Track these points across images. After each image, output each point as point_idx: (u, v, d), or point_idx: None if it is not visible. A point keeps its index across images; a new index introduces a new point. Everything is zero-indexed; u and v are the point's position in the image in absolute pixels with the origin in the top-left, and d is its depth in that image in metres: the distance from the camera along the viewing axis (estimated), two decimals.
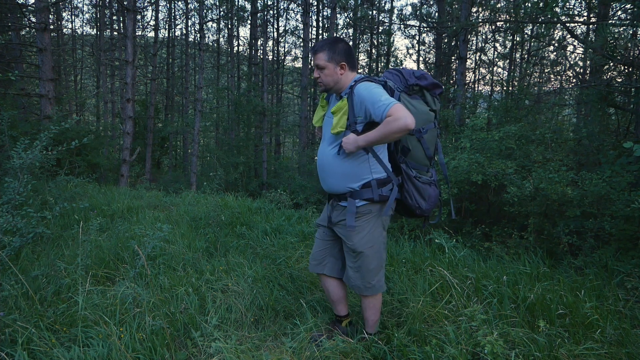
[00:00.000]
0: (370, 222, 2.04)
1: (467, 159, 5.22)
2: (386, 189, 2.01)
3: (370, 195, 1.99)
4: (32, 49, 11.75)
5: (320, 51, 2.01)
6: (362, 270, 2.07)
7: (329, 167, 2.07)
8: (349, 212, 2.01)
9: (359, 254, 2.05)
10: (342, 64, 2.01)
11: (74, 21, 32.78)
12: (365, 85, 1.93)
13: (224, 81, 23.41)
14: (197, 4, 17.23)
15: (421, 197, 2.07)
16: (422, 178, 2.07)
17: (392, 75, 2.05)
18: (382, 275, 2.13)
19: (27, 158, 3.65)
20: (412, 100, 1.99)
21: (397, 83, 2.01)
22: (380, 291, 2.11)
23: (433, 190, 2.12)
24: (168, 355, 2.08)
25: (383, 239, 2.10)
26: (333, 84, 2.03)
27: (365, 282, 2.08)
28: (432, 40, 18.09)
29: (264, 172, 15.40)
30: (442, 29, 12.00)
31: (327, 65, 2.00)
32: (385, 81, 2.02)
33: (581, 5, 8.49)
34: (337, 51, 2.00)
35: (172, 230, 4.08)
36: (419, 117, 1.96)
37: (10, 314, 2.26)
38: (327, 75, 2.01)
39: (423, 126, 2.00)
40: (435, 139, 2.10)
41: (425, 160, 2.07)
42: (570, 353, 1.99)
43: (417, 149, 2.03)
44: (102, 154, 11.89)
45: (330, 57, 1.99)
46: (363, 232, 2.03)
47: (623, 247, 3.64)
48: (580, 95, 7.99)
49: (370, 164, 2.00)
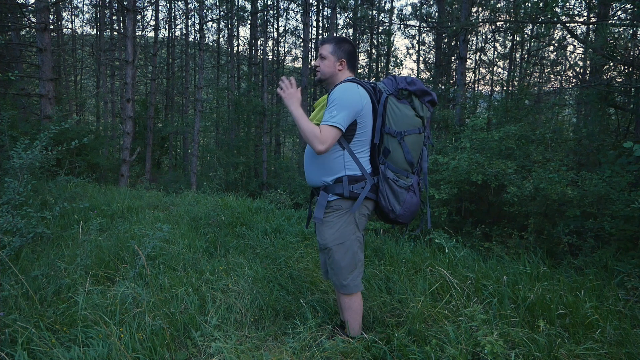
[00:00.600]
0: (342, 219, 2.06)
1: (467, 159, 5.22)
2: (358, 186, 2.04)
3: (341, 190, 2.03)
4: (32, 49, 11.74)
5: (327, 43, 2.13)
6: (334, 268, 2.10)
7: (308, 160, 2.15)
8: (319, 204, 2.06)
9: (329, 250, 2.08)
10: (343, 60, 2.11)
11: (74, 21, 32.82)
12: (344, 88, 2.00)
13: (224, 81, 23.42)
14: (197, 4, 17.23)
15: (396, 201, 2.07)
16: (399, 182, 2.07)
17: (387, 80, 2.11)
18: (356, 276, 2.11)
19: (27, 158, 3.65)
20: (398, 104, 2.03)
21: (388, 86, 2.05)
22: (353, 291, 2.11)
23: (410, 196, 2.11)
24: (168, 355, 2.08)
25: (357, 238, 2.10)
26: (329, 75, 2.13)
27: (338, 280, 2.10)
28: (432, 40, 18.11)
29: (264, 172, 15.41)
30: (442, 29, 12.00)
31: (329, 56, 2.11)
32: (374, 84, 2.09)
33: (581, 5, 8.49)
34: (342, 48, 2.12)
35: (172, 230, 4.08)
36: (401, 120, 2.02)
37: (10, 314, 2.26)
38: (326, 66, 2.12)
39: (405, 129, 2.02)
40: (419, 146, 2.11)
41: (404, 164, 2.07)
42: (570, 353, 1.99)
43: (397, 151, 2.04)
44: (102, 154, 11.89)
45: (334, 51, 2.11)
46: (333, 229, 2.06)
47: (623, 247, 3.64)
48: (580, 95, 7.99)
49: (345, 161, 2.04)
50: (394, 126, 2.02)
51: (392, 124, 2.02)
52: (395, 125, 2.02)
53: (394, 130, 2.01)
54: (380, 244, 3.83)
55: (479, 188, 5.53)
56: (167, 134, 21.66)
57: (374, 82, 2.12)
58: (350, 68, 2.13)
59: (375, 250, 3.63)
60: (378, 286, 2.81)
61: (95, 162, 9.99)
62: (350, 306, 2.14)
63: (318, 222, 2.09)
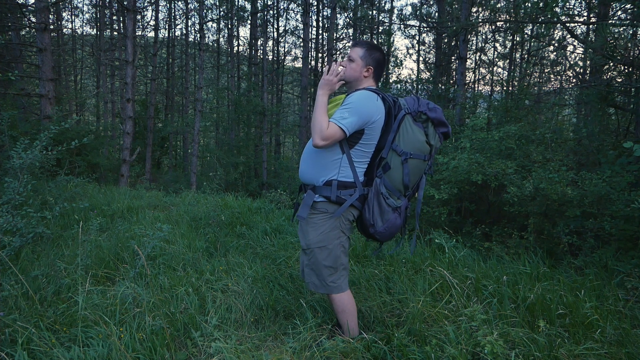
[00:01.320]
0: (327, 223, 2.05)
1: (467, 159, 5.22)
2: (346, 192, 2.03)
3: (328, 193, 2.02)
4: (32, 49, 11.75)
5: (359, 46, 2.09)
6: (314, 269, 2.10)
7: (306, 155, 2.14)
8: (304, 203, 2.05)
9: (311, 251, 2.08)
10: (370, 68, 2.08)
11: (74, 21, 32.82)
12: (364, 95, 1.98)
13: (224, 81, 23.41)
14: (197, 4, 17.23)
15: (380, 217, 2.06)
16: (389, 200, 2.05)
17: (410, 99, 2.08)
18: (338, 277, 2.11)
19: (27, 158, 3.65)
20: (413, 125, 2.01)
21: (409, 105, 2.03)
22: (336, 292, 2.11)
23: (395, 217, 2.09)
24: (168, 355, 2.08)
25: (340, 243, 2.09)
26: (353, 79, 2.09)
27: (318, 280, 2.11)
28: (432, 40, 18.11)
29: (264, 172, 15.41)
30: (442, 29, 12.00)
31: (357, 60, 2.07)
32: (396, 99, 2.06)
33: (581, 5, 8.50)
34: (373, 56, 2.08)
35: (172, 230, 4.08)
36: (411, 142, 2.00)
37: (10, 314, 2.26)
38: (352, 69, 2.08)
39: (412, 152, 2.01)
40: (420, 172, 2.09)
41: (400, 185, 2.06)
42: (570, 353, 1.99)
43: (397, 170, 2.03)
44: (102, 154, 11.90)
45: (364, 56, 2.07)
46: (317, 231, 2.06)
47: (623, 247, 3.64)
48: (580, 95, 7.99)
49: (341, 165, 2.03)
50: (402, 145, 2.00)
51: (401, 143, 2.00)
52: (403, 145, 2.00)
53: (401, 150, 2.00)
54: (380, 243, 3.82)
55: (479, 188, 5.53)
56: (167, 134, 21.66)
57: (396, 97, 2.09)
58: (375, 77, 2.10)
59: (375, 250, 3.62)
60: (378, 286, 2.81)
61: (95, 162, 9.99)
62: (344, 309, 2.14)
63: (301, 221, 2.09)
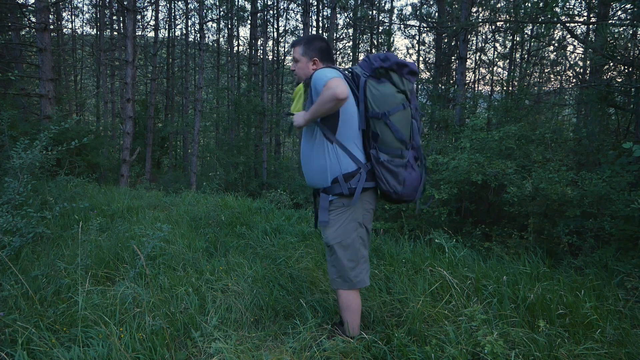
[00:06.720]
0: (343, 216, 2.06)
1: (467, 159, 5.22)
2: (354, 180, 2.03)
3: (340, 190, 2.03)
4: (32, 49, 11.74)
5: (297, 45, 2.16)
6: (336, 265, 2.10)
7: (304, 161, 2.16)
8: (322, 208, 2.06)
9: (331, 247, 2.09)
10: (315, 59, 2.12)
11: (74, 21, 32.80)
12: (322, 70, 1.98)
13: (224, 81, 23.40)
14: (197, 4, 17.22)
15: (396, 181, 2.04)
16: (394, 161, 2.03)
17: (362, 62, 2.06)
18: (360, 271, 2.11)
19: (27, 158, 3.65)
20: (378, 85, 1.97)
21: (364, 69, 2.01)
22: (356, 287, 2.11)
23: (409, 173, 2.07)
24: (168, 355, 2.08)
25: (358, 235, 2.09)
26: (304, 76, 2.15)
27: (340, 276, 2.10)
28: (432, 40, 18.08)
29: (264, 172, 15.40)
30: (442, 29, 12.00)
31: (301, 58, 2.14)
32: (351, 70, 2.06)
33: (581, 5, 8.50)
34: (312, 47, 2.13)
35: (172, 230, 4.08)
36: (382, 101, 1.97)
37: (10, 314, 2.26)
38: (300, 68, 2.15)
39: (389, 109, 1.97)
40: (408, 121, 2.04)
41: (396, 143, 2.02)
42: (570, 353, 1.99)
43: (385, 133, 2.00)
44: (102, 154, 11.89)
45: (305, 52, 2.13)
46: (334, 227, 2.06)
47: (623, 247, 3.64)
48: (580, 95, 7.99)
49: (339, 158, 2.02)
50: (376, 108, 1.97)
51: (374, 107, 1.97)
52: (377, 107, 1.97)
53: (378, 112, 1.96)
54: (380, 243, 3.83)
55: (479, 188, 5.53)
56: (167, 134, 21.65)
57: (350, 68, 2.07)
58: (324, 62, 2.12)
59: (375, 250, 3.62)
60: (378, 286, 2.81)
61: (95, 162, 9.98)
62: (349, 306, 2.14)
63: (323, 225, 2.10)
